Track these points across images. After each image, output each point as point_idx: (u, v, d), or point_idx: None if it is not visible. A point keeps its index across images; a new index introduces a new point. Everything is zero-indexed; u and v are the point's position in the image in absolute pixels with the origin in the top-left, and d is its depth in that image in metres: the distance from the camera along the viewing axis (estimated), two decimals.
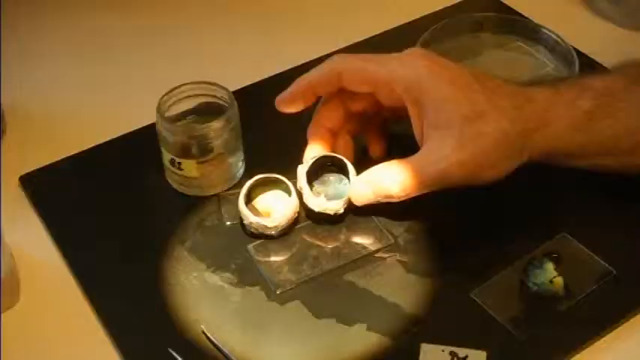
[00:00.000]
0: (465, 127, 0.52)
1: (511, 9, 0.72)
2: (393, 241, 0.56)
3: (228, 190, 0.59)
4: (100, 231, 0.57)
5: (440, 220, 0.57)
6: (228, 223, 0.57)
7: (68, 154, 0.61)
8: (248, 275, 0.54)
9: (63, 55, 0.70)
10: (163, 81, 0.58)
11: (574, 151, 0.54)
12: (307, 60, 0.66)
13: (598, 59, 0.66)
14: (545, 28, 0.67)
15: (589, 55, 0.67)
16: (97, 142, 0.62)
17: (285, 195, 0.56)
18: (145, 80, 0.68)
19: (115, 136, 0.63)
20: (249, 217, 0.55)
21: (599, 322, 0.51)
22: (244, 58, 0.70)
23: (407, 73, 0.53)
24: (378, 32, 0.71)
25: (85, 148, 0.62)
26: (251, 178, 0.56)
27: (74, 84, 0.68)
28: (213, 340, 0.50)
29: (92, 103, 0.66)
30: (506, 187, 0.53)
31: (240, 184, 0.57)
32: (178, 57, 0.70)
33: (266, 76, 0.67)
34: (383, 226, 0.56)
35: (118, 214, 0.58)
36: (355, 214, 0.57)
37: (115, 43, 0.71)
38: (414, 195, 0.54)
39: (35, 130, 0.64)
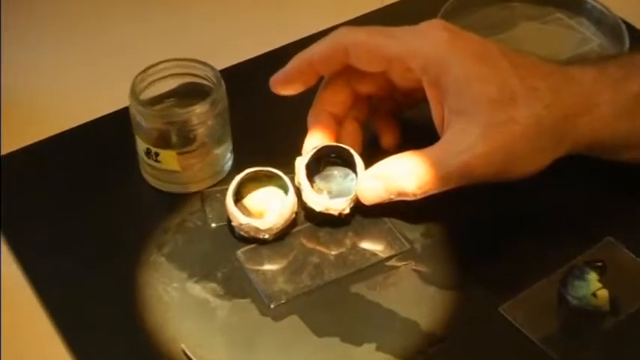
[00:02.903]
0: (493, 113, 0.52)
1: None
2: (408, 246, 0.56)
3: (213, 186, 0.59)
4: (62, 235, 0.57)
5: (463, 223, 0.57)
6: (213, 224, 0.57)
7: (23, 145, 0.62)
8: (237, 286, 0.54)
9: (21, 27, 0.71)
10: (139, 58, 0.58)
11: (620, 141, 0.54)
12: (307, 34, 0.67)
13: None
14: None
15: None
16: (59, 131, 0.63)
17: (281, 192, 0.57)
18: (117, 58, 0.68)
19: (80, 123, 0.63)
20: (238, 217, 0.55)
21: None
22: (233, 32, 0.71)
23: (425, 48, 0.53)
24: (391, 1, 0.72)
25: (43, 138, 0.62)
26: (241, 171, 0.56)
27: (35, 63, 0.68)
28: None
29: (55, 86, 0.67)
30: (541, 183, 0.54)
31: (228, 180, 0.57)
32: (157, 31, 0.71)
33: (259, 53, 0.68)
34: (396, 230, 0.57)
35: (83, 214, 0.58)
36: (363, 215, 0.57)
37: (84, 17, 0.72)
38: (432, 192, 0.54)
39: None
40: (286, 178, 0.56)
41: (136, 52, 0.68)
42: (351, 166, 0.57)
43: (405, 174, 0.54)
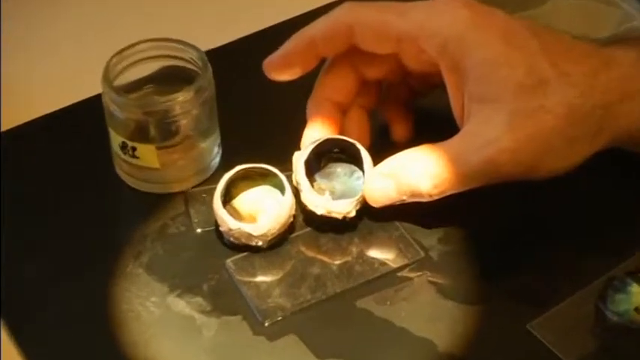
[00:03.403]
0: (521, 100, 0.52)
1: None
2: (422, 255, 0.56)
3: (199, 185, 0.59)
4: (23, 243, 0.57)
5: (486, 228, 0.57)
6: (199, 230, 0.57)
7: None
8: (226, 301, 0.54)
9: None
10: (112, 38, 0.59)
11: None
12: (305, 10, 0.67)
13: None
14: None
15: None
16: (19, 122, 0.63)
17: (277, 192, 0.57)
18: (87, 38, 0.68)
19: (43, 114, 0.63)
20: (227, 222, 0.55)
21: None
22: (221, 8, 0.71)
23: (442, 26, 0.53)
24: None
25: (4, 130, 0.62)
26: (230, 169, 0.56)
27: None
28: None
29: (14, 71, 0.67)
30: (575, 182, 0.54)
31: (215, 178, 0.58)
32: (133, 7, 0.71)
33: (250, 32, 0.68)
34: (409, 235, 0.57)
35: (47, 219, 0.58)
36: (372, 218, 0.57)
37: None
38: (451, 193, 0.54)
39: None
40: (282, 177, 0.56)
41: (109, 31, 0.68)
42: (358, 162, 0.57)
43: (419, 171, 0.54)
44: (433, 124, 0.57)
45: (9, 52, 0.68)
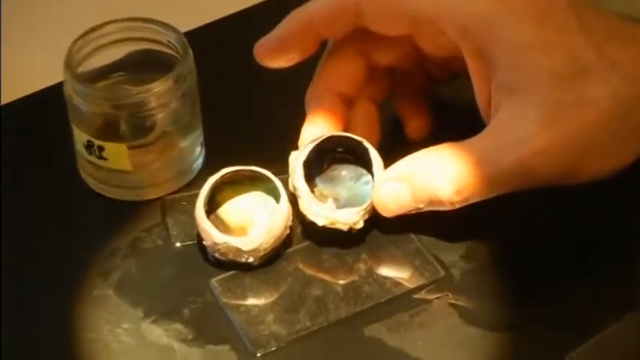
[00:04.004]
0: (559, 91, 0.52)
1: None
2: (442, 273, 0.56)
3: (178, 191, 0.59)
4: None
5: (516, 242, 0.57)
6: (178, 244, 0.57)
7: None
8: (211, 328, 0.54)
9: None
10: (76, 18, 0.61)
11: None
12: None
13: None
14: None
15: None
16: None
17: (270, 200, 0.57)
18: (47, 18, 0.70)
19: None
20: (212, 234, 0.54)
21: None
22: None
23: (464, 4, 0.54)
24: None
25: None
26: (215, 172, 0.56)
27: None
28: None
29: None
30: (622, 186, 0.54)
31: (197, 183, 0.58)
32: None
33: (239, 9, 0.69)
34: (427, 251, 0.56)
35: (0, 232, 0.58)
36: (383, 230, 0.57)
37: None
38: (476, 200, 0.54)
39: None
40: (277, 181, 0.56)
41: (73, 10, 0.69)
42: (366, 163, 0.57)
43: (438, 174, 0.53)
44: (454, 119, 0.58)
45: None
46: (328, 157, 0.57)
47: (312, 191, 0.56)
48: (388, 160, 0.56)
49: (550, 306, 0.54)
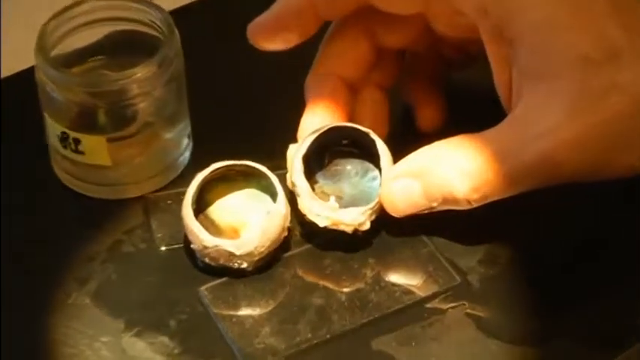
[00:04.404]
0: (588, 77, 0.52)
1: None
2: (459, 280, 0.55)
3: (163, 189, 0.59)
4: None
5: (542, 245, 0.57)
6: (163, 247, 0.57)
7: None
8: (200, 341, 0.53)
9: None
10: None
11: None
12: None
13: None
14: None
15: None
16: None
17: (266, 198, 0.56)
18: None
19: None
20: (201, 237, 0.54)
21: None
22: None
23: None
24: None
25: None
26: (204, 167, 0.56)
27: None
28: None
29: None
30: None
31: (185, 179, 0.57)
32: None
33: None
34: (441, 254, 0.56)
35: None
36: (392, 232, 0.57)
37: None
38: (495, 198, 0.53)
39: None
40: (273, 177, 0.55)
41: None
42: (373, 157, 0.56)
43: (453, 170, 0.53)
44: (471, 108, 0.58)
45: None
46: (331, 150, 0.57)
47: (313, 188, 0.56)
48: (398, 153, 0.55)
49: (579, 317, 0.54)
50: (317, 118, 0.57)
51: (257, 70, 0.62)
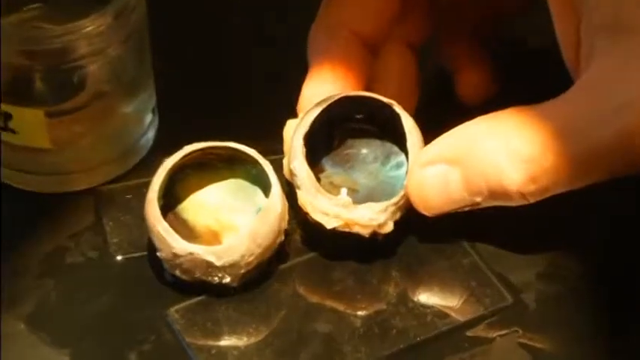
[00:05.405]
0: None
1: None
2: (510, 300, 0.55)
3: (120, 179, 0.59)
4: None
5: (616, 256, 0.57)
6: (119, 257, 0.57)
7: None
8: None
9: None
10: None
11: None
12: None
13: None
14: None
15: None
16: None
17: (256, 191, 0.56)
18: None
19: None
20: (170, 242, 0.53)
21: None
22: None
23: None
24: None
25: None
26: (174, 150, 0.55)
27: None
28: None
29: None
30: None
31: (148, 166, 0.58)
32: None
33: None
34: (488, 267, 0.56)
35: None
36: (422, 236, 0.57)
37: None
38: (558, 191, 0.53)
39: None
40: (265, 164, 0.55)
41: None
42: (397, 137, 0.56)
43: (503, 153, 0.53)
44: (525, 73, 0.59)
45: None
46: (341, 127, 0.57)
47: (318, 178, 0.55)
48: (430, 132, 0.55)
49: None
50: (323, 85, 0.56)
51: (242, 27, 0.64)
